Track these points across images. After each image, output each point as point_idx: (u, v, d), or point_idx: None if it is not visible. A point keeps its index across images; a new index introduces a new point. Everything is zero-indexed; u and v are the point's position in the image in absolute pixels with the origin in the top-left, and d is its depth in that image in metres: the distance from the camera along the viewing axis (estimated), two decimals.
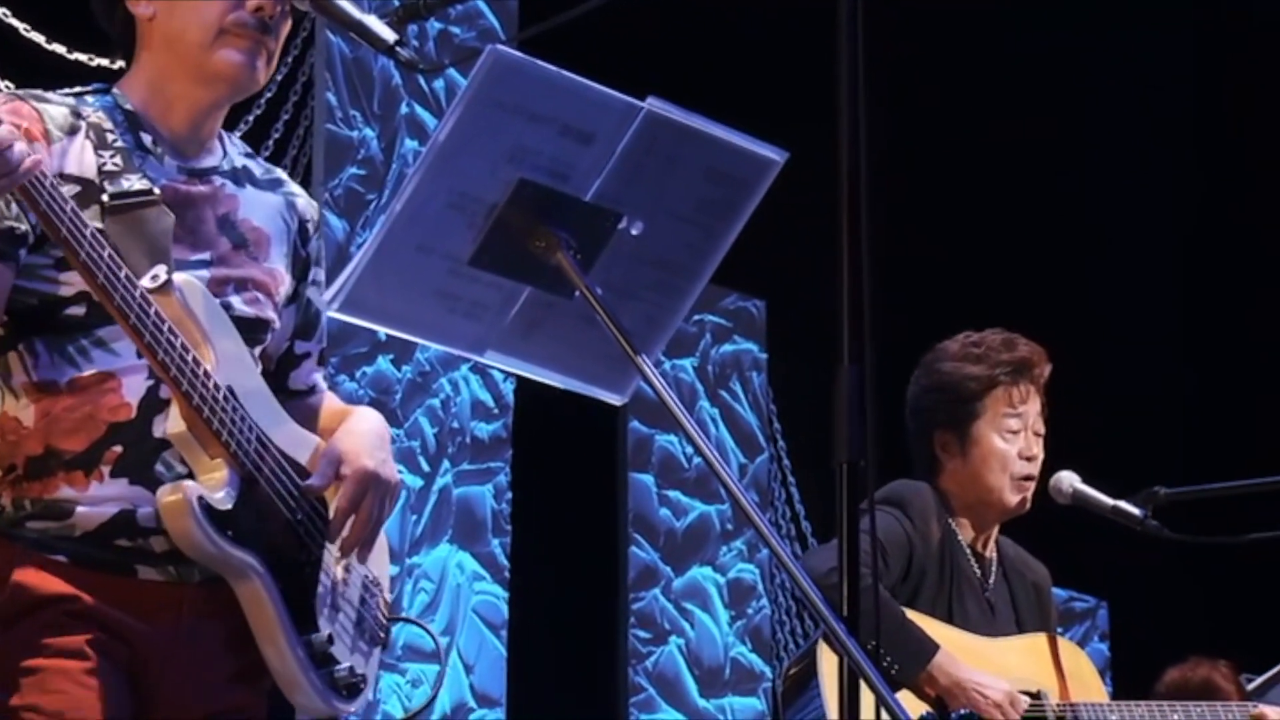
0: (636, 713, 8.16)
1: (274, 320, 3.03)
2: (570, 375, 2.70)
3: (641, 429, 8.43)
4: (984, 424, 4.39)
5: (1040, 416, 4.45)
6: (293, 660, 2.88)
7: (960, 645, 4.20)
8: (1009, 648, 4.32)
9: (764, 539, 2.41)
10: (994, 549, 4.48)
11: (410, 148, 7.51)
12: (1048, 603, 4.54)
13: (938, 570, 4.31)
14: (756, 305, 8.95)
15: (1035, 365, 4.43)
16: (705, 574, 8.54)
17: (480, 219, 2.53)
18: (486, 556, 7.68)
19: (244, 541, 2.83)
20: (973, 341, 4.45)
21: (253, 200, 3.04)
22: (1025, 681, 4.26)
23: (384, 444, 3.05)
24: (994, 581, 4.43)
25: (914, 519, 4.30)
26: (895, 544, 4.24)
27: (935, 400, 4.43)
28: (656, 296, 2.65)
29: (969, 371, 4.40)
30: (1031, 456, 4.40)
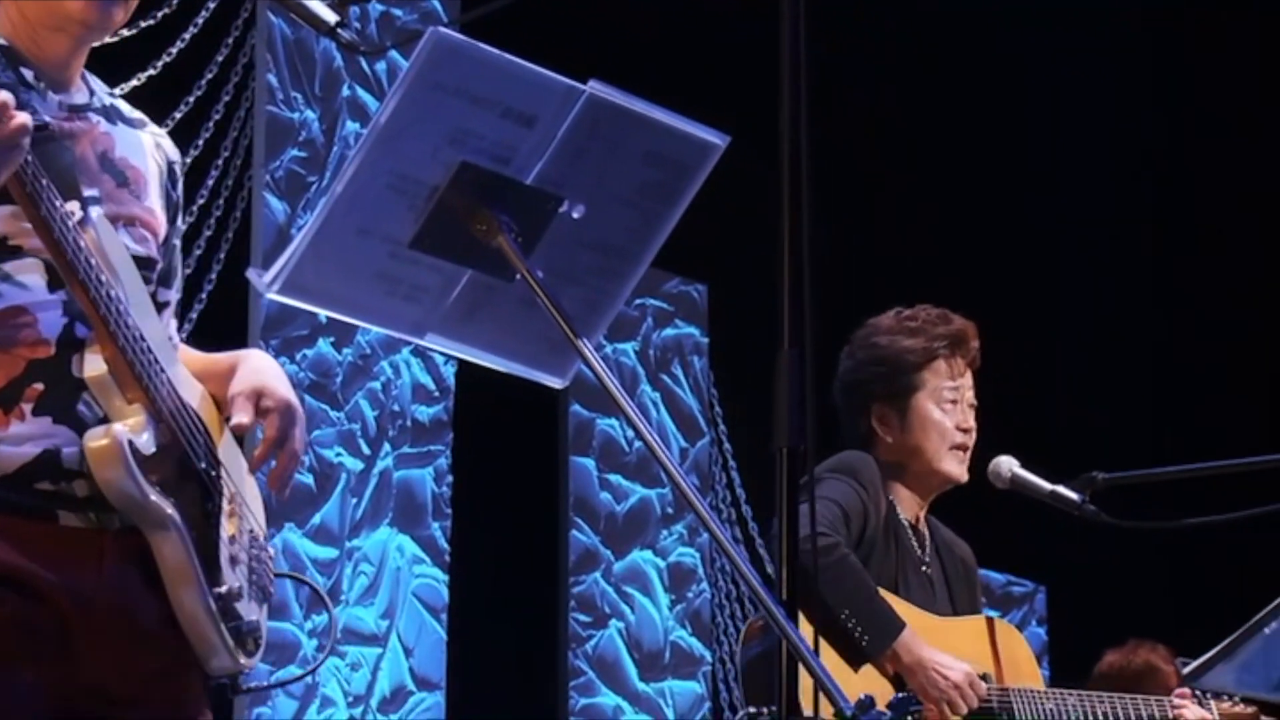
0: (576, 696, 8.16)
1: (159, 260, 2.97)
2: (511, 358, 2.69)
3: (582, 413, 8.43)
4: (923, 396, 4.43)
5: (973, 391, 4.48)
6: (204, 613, 2.82)
7: (919, 623, 4.22)
8: (957, 628, 4.35)
9: (704, 523, 2.42)
10: (925, 524, 4.51)
11: (352, 130, 7.49)
12: (975, 580, 4.57)
13: (884, 542, 4.33)
14: (698, 289, 8.96)
15: (970, 339, 4.48)
16: (645, 558, 8.55)
17: (421, 201, 2.52)
18: (427, 540, 7.67)
19: (165, 490, 2.77)
20: (907, 316, 4.49)
21: (126, 138, 2.98)
22: (974, 663, 4.29)
23: (287, 380, 3.00)
24: (929, 556, 4.46)
25: (866, 487, 4.32)
26: (853, 510, 4.27)
27: (873, 373, 4.45)
28: (597, 280, 2.65)
29: (907, 344, 4.44)
30: (968, 428, 4.44)
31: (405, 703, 7.54)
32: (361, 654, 7.24)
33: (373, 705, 7.43)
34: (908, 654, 4.13)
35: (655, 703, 8.38)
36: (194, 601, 2.81)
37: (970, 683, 4.17)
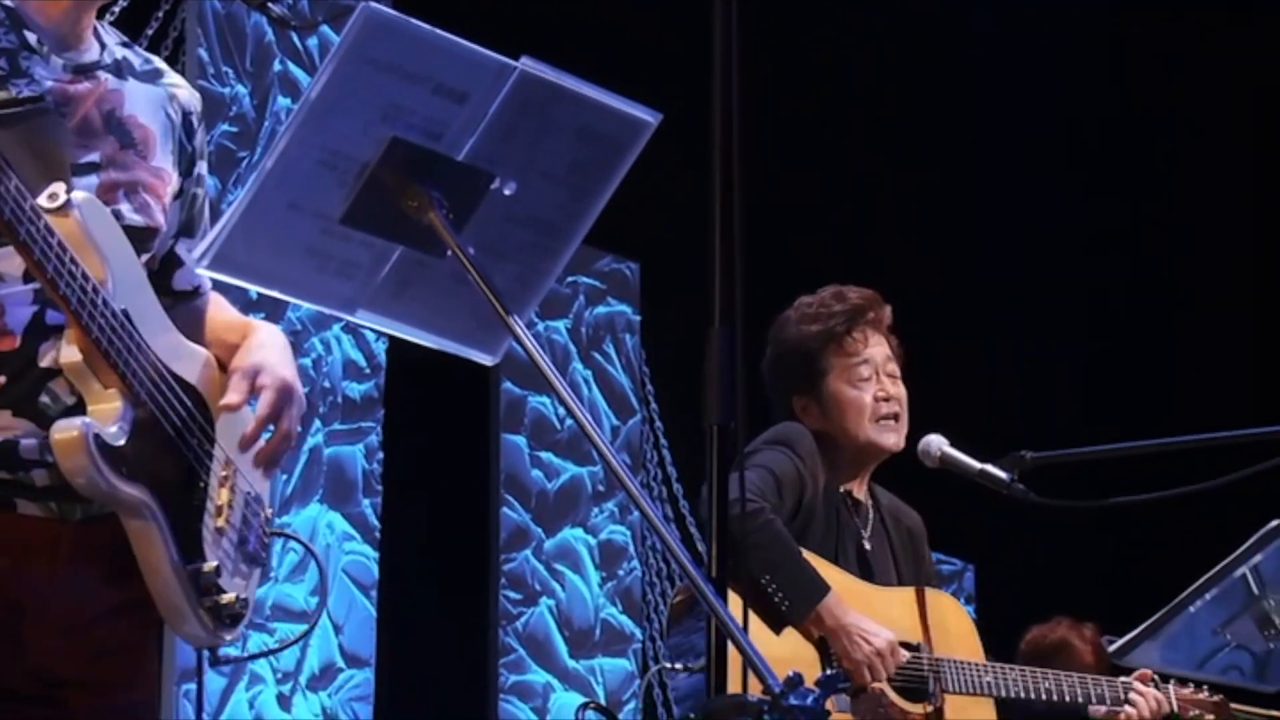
0: (506, 673, 8.17)
1: (162, 226, 2.94)
2: (442, 335, 2.69)
3: (514, 390, 8.42)
4: (833, 379, 4.45)
5: (892, 358, 4.49)
6: (179, 593, 2.82)
7: (848, 589, 4.24)
8: (892, 597, 4.37)
9: (635, 501, 2.42)
10: (869, 496, 4.52)
11: (283, 105, 7.45)
12: (923, 549, 4.59)
13: (823, 513, 4.35)
14: (630, 267, 8.96)
15: (869, 309, 4.48)
16: (576, 535, 8.55)
17: (352, 177, 2.51)
18: (357, 516, 7.65)
19: (137, 476, 2.75)
20: (807, 303, 4.51)
21: (136, 94, 2.95)
22: (905, 632, 4.31)
23: (292, 358, 2.99)
24: (871, 530, 4.47)
25: (803, 458, 4.34)
26: (789, 480, 4.28)
27: (784, 367, 4.48)
28: (529, 257, 2.65)
29: (808, 331, 4.46)
30: (888, 396, 4.45)
31: (335, 680, 7.53)
32: (291, 631, 7.22)
33: (302, 682, 7.42)
34: (831, 618, 4.15)
35: (585, 680, 8.39)
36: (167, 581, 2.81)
37: (892, 650, 4.19)
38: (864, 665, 4.14)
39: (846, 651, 4.12)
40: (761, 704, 2.16)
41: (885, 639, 4.18)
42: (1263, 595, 3.93)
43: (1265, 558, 3.90)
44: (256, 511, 3.01)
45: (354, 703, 7.56)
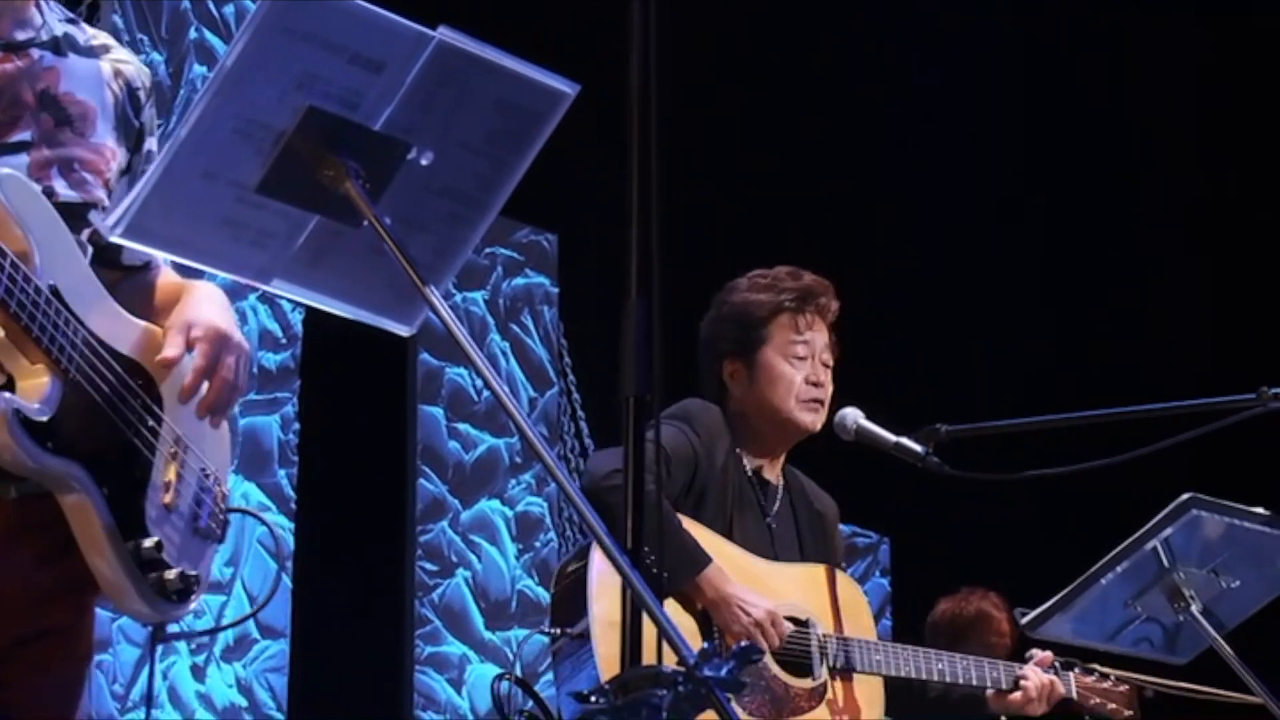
0: (422, 645, 8.16)
1: (103, 200, 2.92)
2: (358, 305, 2.68)
3: (431, 361, 8.41)
4: (770, 350, 4.46)
5: (829, 349, 4.51)
6: (120, 569, 2.81)
7: (736, 563, 4.24)
8: (786, 574, 4.38)
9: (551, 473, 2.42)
10: (781, 477, 4.53)
11: (198, 73, 7.40)
12: (833, 535, 4.60)
13: (720, 490, 4.36)
14: (548, 239, 8.95)
15: (821, 294, 4.51)
16: (493, 507, 8.55)
17: (268, 146, 2.50)
18: (272, 487, 7.63)
19: (65, 451, 2.73)
20: (761, 274, 4.54)
21: (75, 70, 2.92)
22: (797, 608, 4.32)
23: (229, 311, 2.97)
24: (778, 509, 4.48)
25: (700, 434, 4.35)
26: (680, 456, 4.29)
27: (723, 329, 4.50)
28: (445, 228, 2.64)
29: (756, 299, 4.48)
30: (817, 382, 4.47)
31: (249, 651, 7.51)
32: (205, 601, 7.17)
33: (216, 653, 7.39)
34: (711, 589, 4.16)
35: (502, 652, 8.39)
36: (107, 557, 2.80)
37: (773, 621, 4.20)
38: (744, 636, 4.15)
39: (726, 622, 4.14)
40: (676, 675, 2.16)
41: (764, 609, 4.19)
42: (1173, 568, 3.97)
43: (1175, 531, 3.94)
44: (209, 488, 2.99)
45: (269, 674, 7.54)
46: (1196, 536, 3.98)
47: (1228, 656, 3.90)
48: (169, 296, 3.07)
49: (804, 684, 4.29)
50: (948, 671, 4.48)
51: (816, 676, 4.30)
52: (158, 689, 7.12)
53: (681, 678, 2.16)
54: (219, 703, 7.39)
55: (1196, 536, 3.98)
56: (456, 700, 8.20)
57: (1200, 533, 3.98)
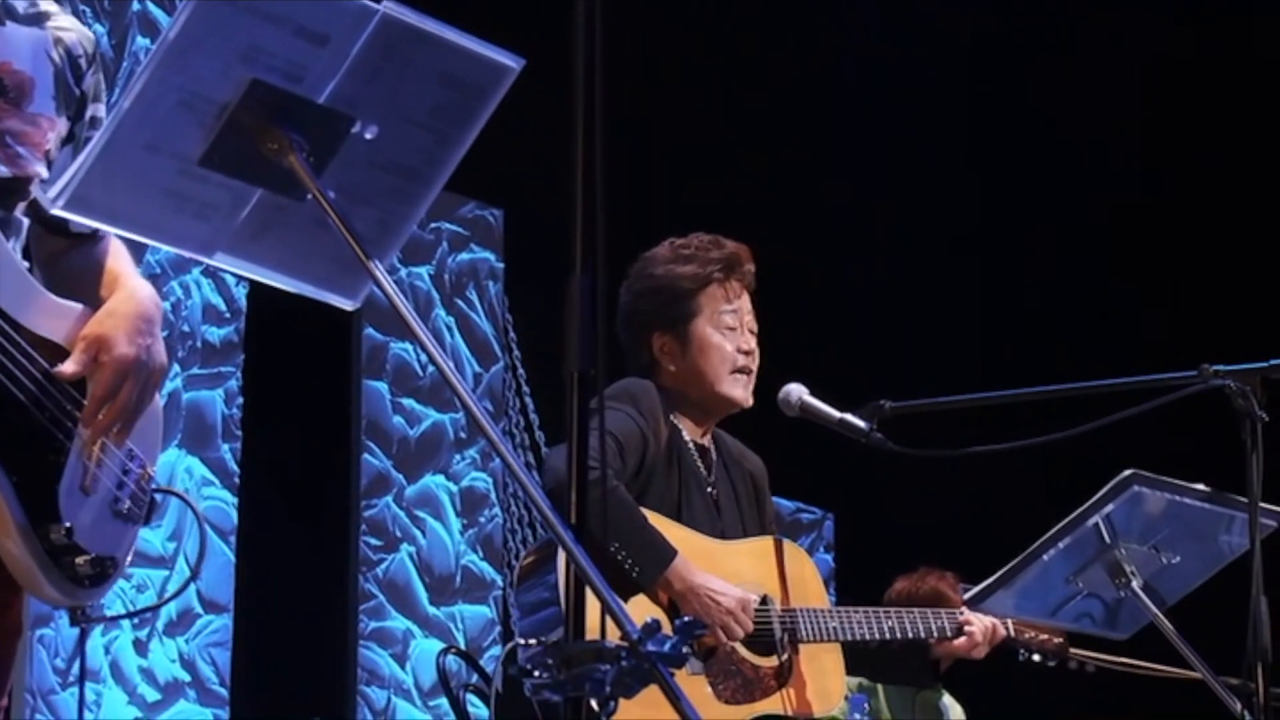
0: (366, 619, 8.15)
1: (39, 174, 2.88)
2: (302, 279, 2.67)
3: (376, 336, 8.39)
4: (701, 321, 4.45)
5: (752, 314, 4.51)
6: (29, 555, 2.78)
7: (694, 547, 4.24)
8: (738, 551, 4.38)
9: (495, 449, 2.41)
10: (712, 442, 4.53)
11: (142, 45, 7.36)
12: (764, 493, 4.60)
13: (666, 467, 4.35)
14: (494, 214, 8.94)
15: (744, 262, 4.50)
16: (438, 482, 8.54)
17: (211, 119, 2.49)
18: (216, 462, 7.60)
19: None
20: (680, 244, 4.50)
21: (13, 39, 2.89)
22: (753, 586, 4.32)
23: (151, 325, 2.92)
24: (715, 475, 4.48)
25: (645, 415, 4.33)
26: (631, 439, 4.27)
27: (651, 304, 4.46)
28: (390, 202, 2.63)
29: (682, 271, 4.45)
30: (748, 350, 4.47)
31: (192, 625, 7.49)
32: (148, 576, 7.16)
33: (159, 628, 7.37)
34: (680, 581, 4.15)
35: (446, 627, 8.39)
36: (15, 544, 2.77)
37: (744, 608, 4.20)
38: (718, 627, 4.15)
39: (697, 614, 4.13)
40: (619, 650, 2.16)
41: (735, 597, 4.19)
42: (1114, 544, 3.99)
43: (1117, 507, 3.96)
44: (133, 470, 2.97)
45: (211, 649, 7.52)
46: (1138, 513, 4.00)
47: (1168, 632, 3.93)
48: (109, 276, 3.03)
49: (770, 662, 4.30)
50: (898, 628, 4.51)
51: (781, 653, 4.31)
52: (99, 664, 7.10)
53: (625, 653, 2.16)
54: (161, 677, 7.37)
55: (1138, 513, 4.00)
56: (400, 675, 8.19)
57: (1142, 509, 4.00)
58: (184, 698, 7.42)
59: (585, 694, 2.17)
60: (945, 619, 4.67)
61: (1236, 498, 3.91)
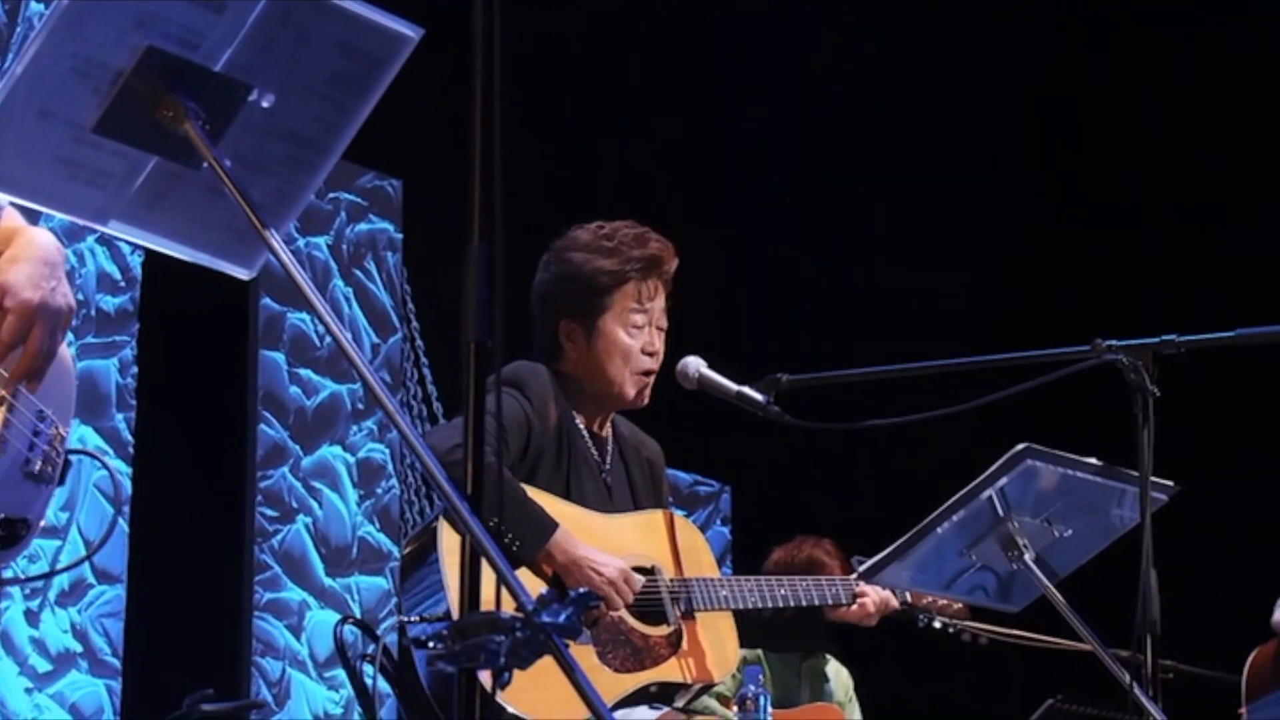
0: (262, 591, 8.11)
1: None
2: (197, 248, 2.66)
3: (273, 306, 8.34)
4: (610, 317, 4.44)
5: (664, 312, 4.51)
6: None
7: (578, 522, 4.25)
8: (625, 524, 4.39)
9: (392, 420, 2.41)
10: (609, 429, 4.54)
11: (36, 10, 7.28)
12: (660, 478, 4.61)
13: (555, 451, 4.35)
14: (393, 184, 8.90)
15: (665, 262, 4.49)
16: (335, 453, 8.51)
17: (106, 85, 2.47)
18: (110, 431, 7.54)
19: None
20: (605, 234, 4.47)
21: None
22: (641, 557, 4.34)
23: (54, 269, 2.94)
24: (610, 462, 4.49)
25: (532, 400, 4.33)
26: (514, 423, 4.27)
27: (564, 290, 4.45)
28: (287, 170, 2.62)
29: (600, 265, 4.44)
30: (654, 352, 4.47)
31: (85, 596, 7.43)
32: (40, 546, 7.10)
33: (50, 598, 7.31)
34: (561, 553, 4.16)
35: (342, 598, 8.37)
36: None
37: (625, 578, 4.22)
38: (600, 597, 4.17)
39: (579, 585, 4.14)
40: (514, 621, 2.17)
41: (616, 568, 4.21)
42: (1008, 517, 4.02)
43: (1010, 481, 3.99)
44: (44, 430, 2.95)
45: (104, 619, 7.47)
46: (1031, 486, 4.03)
47: (1059, 605, 3.96)
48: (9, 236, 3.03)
49: (660, 631, 4.32)
50: (790, 596, 4.54)
51: (671, 622, 4.33)
52: None
53: (520, 624, 2.17)
54: (53, 648, 7.31)
55: (1031, 486, 4.03)
56: (296, 646, 8.17)
57: (1035, 483, 4.03)
58: (75, 669, 7.36)
59: (479, 664, 2.18)
60: (840, 587, 4.70)
61: (1128, 472, 3.95)
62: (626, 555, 4.28)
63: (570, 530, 4.19)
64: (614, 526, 4.35)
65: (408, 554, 4.29)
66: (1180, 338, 3.91)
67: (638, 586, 4.26)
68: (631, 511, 4.45)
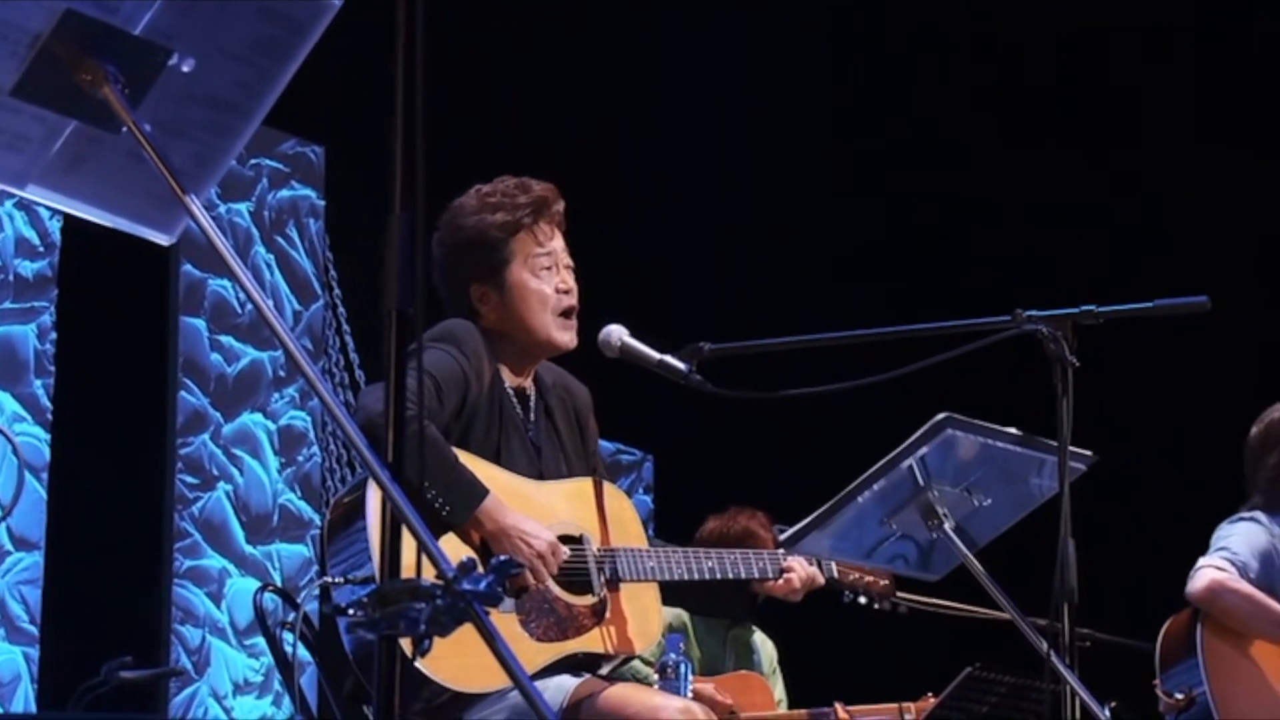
0: (181, 558, 8.08)
1: None
2: (117, 213, 2.64)
3: (194, 272, 8.29)
4: (516, 267, 4.44)
5: (566, 251, 4.51)
6: None
7: (509, 488, 4.24)
8: (555, 491, 4.38)
9: (313, 387, 2.40)
10: (534, 384, 4.52)
11: None
12: (586, 422, 4.60)
13: (487, 411, 4.34)
14: (315, 151, 8.86)
15: (552, 203, 4.49)
16: (256, 420, 8.47)
17: (24, 49, 2.45)
18: (28, 397, 7.49)
19: None
20: (486, 192, 4.48)
21: None
22: (569, 525, 4.33)
23: None
24: (535, 418, 4.48)
25: (469, 357, 4.32)
26: (452, 380, 4.26)
27: (464, 256, 4.44)
28: (207, 135, 2.61)
29: (491, 220, 4.43)
30: (568, 289, 4.47)
31: (2, 563, 7.38)
32: None
33: None
34: (490, 521, 4.15)
35: (262, 565, 8.34)
36: None
37: (553, 549, 4.22)
38: (526, 568, 4.17)
39: (507, 554, 4.14)
40: (435, 588, 2.17)
41: (545, 540, 4.20)
42: (928, 486, 4.04)
43: (931, 450, 4.00)
44: None
45: (22, 586, 7.42)
46: (951, 456, 4.04)
47: (978, 574, 3.98)
48: None
49: (585, 601, 4.31)
50: (717, 569, 4.53)
51: (596, 592, 4.32)
52: None
53: (440, 591, 2.16)
54: None
55: (951, 456, 4.04)
56: (215, 614, 8.14)
57: (955, 452, 4.04)
58: None
59: (400, 632, 2.17)
60: (766, 560, 4.70)
61: (1047, 441, 3.97)
62: (555, 523, 4.28)
63: (500, 497, 4.18)
64: (544, 493, 4.34)
65: (335, 515, 4.26)
66: (1099, 308, 3.93)
67: (564, 558, 4.26)
68: (562, 478, 4.44)
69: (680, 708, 4.20)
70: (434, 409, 4.19)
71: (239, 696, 8.17)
